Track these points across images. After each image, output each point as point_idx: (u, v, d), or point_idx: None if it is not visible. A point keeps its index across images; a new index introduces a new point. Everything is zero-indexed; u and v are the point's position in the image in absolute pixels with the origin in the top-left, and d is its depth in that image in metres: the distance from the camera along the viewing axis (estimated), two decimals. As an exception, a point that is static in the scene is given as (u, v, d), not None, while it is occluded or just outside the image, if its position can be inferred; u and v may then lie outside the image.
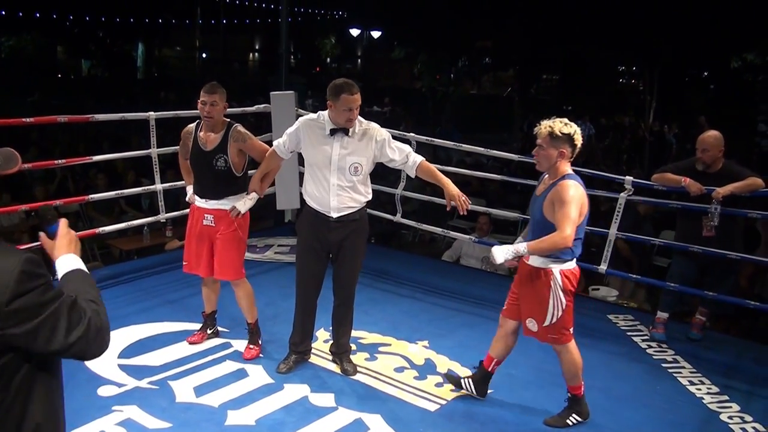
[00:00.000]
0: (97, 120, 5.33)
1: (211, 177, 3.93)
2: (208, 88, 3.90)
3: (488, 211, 6.19)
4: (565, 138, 3.30)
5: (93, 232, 5.63)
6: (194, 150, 3.98)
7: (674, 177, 4.62)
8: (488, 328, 4.80)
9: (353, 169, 3.64)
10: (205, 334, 4.33)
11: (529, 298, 3.46)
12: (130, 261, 6.68)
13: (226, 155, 3.89)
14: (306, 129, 3.72)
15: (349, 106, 3.56)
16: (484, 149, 5.75)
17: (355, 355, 4.20)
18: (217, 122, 3.93)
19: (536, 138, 3.36)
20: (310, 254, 3.84)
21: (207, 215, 4.00)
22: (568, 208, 3.20)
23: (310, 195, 3.75)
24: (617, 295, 6.10)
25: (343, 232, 3.73)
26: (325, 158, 3.64)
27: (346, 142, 3.64)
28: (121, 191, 6.04)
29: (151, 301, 4.94)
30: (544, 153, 3.32)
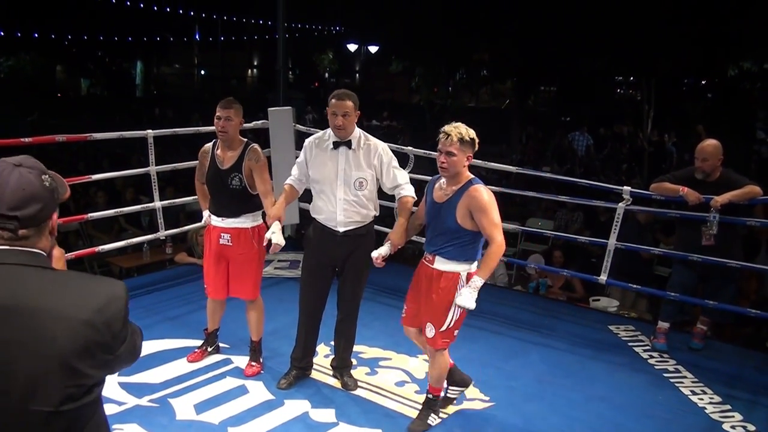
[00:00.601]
0: (96, 139, 5.35)
1: (227, 196, 3.92)
2: (223, 103, 3.89)
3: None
4: (471, 143, 3.30)
5: (93, 250, 5.64)
6: (211, 168, 3.97)
7: (672, 186, 4.63)
8: (489, 341, 4.83)
9: (358, 184, 3.66)
10: (205, 352, 4.33)
11: (432, 303, 3.43)
12: (130, 278, 6.67)
13: (241, 174, 3.88)
14: (310, 148, 3.77)
15: (334, 110, 3.61)
16: (482, 162, 5.76)
17: (356, 370, 4.19)
18: (233, 139, 3.91)
19: (442, 144, 3.29)
20: (317, 269, 3.86)
21: (224, 234, 3.99)
22: (492, 215, 3.24)
23: (318, 209, 3.77)
24: (618, 305, 6.10)
25: (350, 246, 3.75)
26: (331, 172, 3.67)
27: (350, 157, 3.67)
28: (120, 209, 6.04)
29: (152, 318, 4.93)
30: (454, 159, 3.26)
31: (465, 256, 3.35)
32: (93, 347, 1.46)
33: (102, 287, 1.53)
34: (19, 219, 1.48)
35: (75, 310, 1.45)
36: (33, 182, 1.51)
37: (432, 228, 3.44)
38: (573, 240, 6.15)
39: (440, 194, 3.40)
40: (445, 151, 3.28)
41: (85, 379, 1.46)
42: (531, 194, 6.14)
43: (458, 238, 3.31)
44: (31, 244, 1.51)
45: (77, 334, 1.44)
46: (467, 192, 3.28)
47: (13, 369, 1.40)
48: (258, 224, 4.02)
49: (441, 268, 3.38)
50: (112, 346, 1.50)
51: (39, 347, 1.41)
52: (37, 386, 1.41)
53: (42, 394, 1.41)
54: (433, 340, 3.47)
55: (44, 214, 1.54)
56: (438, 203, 3.39)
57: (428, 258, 3.45)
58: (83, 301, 1.47)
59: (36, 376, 1.41)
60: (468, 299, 3.21)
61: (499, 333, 5.00)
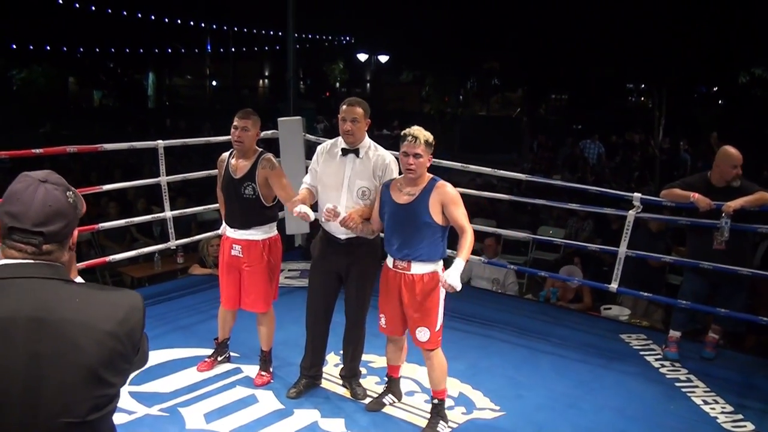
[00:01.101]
0: (106, 150, 5.40)
1: (239, 206, 3.93)
2: (241, 113, 3.91)
3: (496, 232, 6.17)
4: (432, 145, 3.46)
5: (104, 260, 5.67)
6: (225, 177, 4.00)
7: (683, 192, 4.61)
8: (500, 350, 4.81)
9: (360, 193, 3.68)
10: (215, 361, 4.33)
11: (423, 307, 3.50)
12: (141, 288, 6.71)
13: (254, 183, 3.88)
14: (321, 153, 3.82)
15: (343, 116, 3.66)
16: (491, 170, 5.76)
17: (365, 379, 4.19)
18: (248, 149, 3.92)
19: (408, 147, 3.39)
20: (322, 277, 3.88)
21: (235, 245, 4.00)
22: (461, 207, 3.43)
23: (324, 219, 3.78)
24: (629, 314, 6.06)
25: (353, 254, 3.76)
26: (337, 179, 3.70)
27: (357, 164, 3.69)
28: (130, 219, 6.08)
29: (162, 328, 4.96)
30: (421, 161, 3.40)
31: (438, 254, 3.49)
32: (116, 357, 1.51)
33: (123, 299, 1.58)
34: (44, 234, 1.51)
35: (100, 322, 1.49)
36: (59, 199, 1.55)
37: (400, 231, 3.48)
38: (583, 248, 6.13)
39: (403, 196, 3.49)
40: (412, 153, 3.40)
41: (110, 389, 1.50)
42: (541, 202, 6.14)
43: (432, 234, 3.43)
44: (54, 259, 1.54)
45: (103, 344, 1.48)
46: (436, 188, 3.44)
47: (43, 384, 1.43)
48: (270, 236, 4.02)
49: (420, 272, 3.48)
50: (131, 355, 1.56)
51: (68, 358, 1.45)
52: (66, 397, 1.44)
53: (71, 405, 1.44)
54: (429, 342, 3.54)
55: (68, 230, 1.57)
56: (404, 205, 3.47)
57: (401, 265, 3.51)
58: (107, 312, 1.52)
59: (65, 387, 1.44)
60: (457, 280, 3.24)
61: (510, 342, 4.98)
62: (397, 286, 3.55)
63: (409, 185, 3.50)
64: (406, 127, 3.53)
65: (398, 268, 3.53)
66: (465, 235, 3.38)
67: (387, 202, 3.55)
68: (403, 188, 3.51)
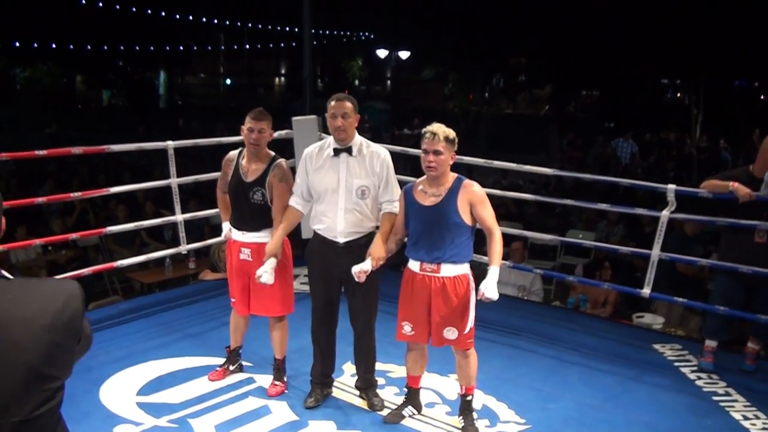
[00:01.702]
0: (113, 151, 5.46)
1: (248, 209, 3.96)
2: (256, 114, 3.91)
3: (523, 234, 6.14)
4: (454, 142, 3.51)
5: (111, 265, 5.72)
6: (234, 178, 4.00)
7: (721, 182, 4.58)
8: (526, 360, 4.79)
9: (360, 192, 3.72)
10: (227, 371, 4.36)
11: (452, 310, 3.55)
12: (151, 294, 6.77)
13: (264, 189, 3.91)
14: (310, 157, 3.82)
15: (333, 112, 3.69)
16: (516, 165, 5.70)
17: (384, 390, 4.19)
18: (263, 152, 3.95)
19: (428, 144, 3.45)
20: (321, 283, 3.89)
21: (244, 249, 4.02)
22: (489, 207, 3.52)
23: (318, 221, 3.80)
24: (663, 322, 6.00)
25: (352, 258, 3.72)
26: (332, 181, 3.72)
27: (352, 163, 3.72)
28: (140, 222, 6.13)
29: (172, 336, 5.00)
30: (442, 158, 3.45)
31: (468, 256, 3.56)
32: (57, 350, 1.53)
33: (59, 288, 1.59)
34: None
35: (37, 316, 1.51)
36: None
37: (429, 234, 3.52)
38: (614, 252, 6.08)
39: (429, 198, 3.54)
40: (432, 150, 3.44)
41: (54, 382, 1.53)
42: (569, 203, 6.08)
43: (460, 235, 3.48)
44: None
45: (43, 339, 1.50)
46: (463, 187, 3.50)
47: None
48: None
49: (450, 274, 3.52)
50: (73, 345, 1.58)
51: (9, 358, 1.47)
52: (7, 398, 1.46)
53: (14, 405, 1.47)
54: (457, 342, 3.60)
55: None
56: (430, 207, 3.51)
57: (430, 268, 3.54)
58: (43, 305, 1.54)
59: (6, 388, 1.46)
60: (495, 291, 3.36)
61: (536, 352, 4.95)
62: (425, 290, 3.57)
63: (432, 186, 3.53)
64: (427, 126, 3.55)
65: (427, 272, 3.55)
66: (494, 238, 3.47)
67: (411, 206, 3.58)
68: (427, 189, 3.55)
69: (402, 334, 3.73)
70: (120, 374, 4.34)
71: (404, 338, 3.74)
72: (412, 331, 3.68)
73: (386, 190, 3.78)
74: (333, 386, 4.18)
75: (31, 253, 7.74)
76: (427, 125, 3.54)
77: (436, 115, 24.49)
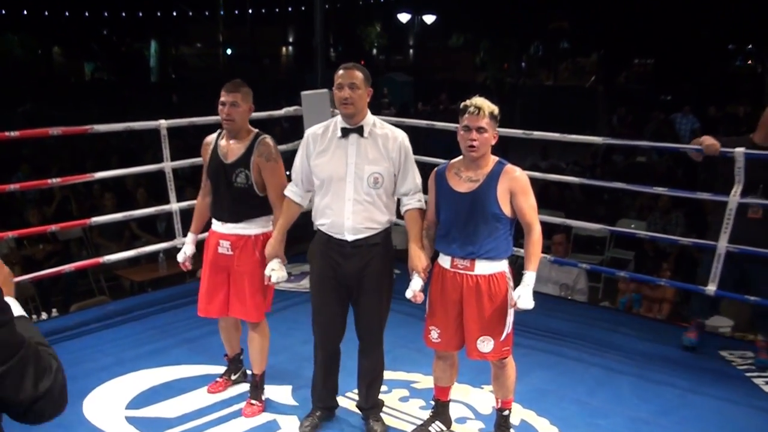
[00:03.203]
0: (98, 131, 5.48)
1: (229, 195, 3.94)
2: (228, 86, 3.92)
3: (565, 222, 6.08)
4: (497, 119, 3.47)
5: (97, 261, 5.77)
6: (213, 161, 4.00)
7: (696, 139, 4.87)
8: (570, 369, 4.77)
9: (372, 180, 3.58)
10: (228, 381, 4.38)
11: (487, 314, 3.51)
12: (142, 294, 6.83)
13: (248, 170, 3.88)
14: (313, 139, 3.71)
15: (339, 81, 3.58)
16: (558, 135, 5.60)
17: (408, 403, 4.21)
18: (240, 128, 3.94)
19: (470, 120, 3.40)
20: (326, 289, 3.77)
21: (222, 241, 3.99)
22: (532, 198, 3.48)
23: (322, 215, 3.69)
24: (732, 325, 5.95)
25: (363, 259, 3.66)
26: (339, 167, 3.61)
27: (363, 146, 3.61)
28: (130, 212, 6.16)
29: (166, 341, 5.03)
30: (486, 137, 3.41)
31: (506, 251, 3.53)
32: None
33: None
34: None
35: None
36: None
37: (463, 225, 3.48)
38: (673, 243, 6.00)
39: (465, 183, 3.49)
40: (475, 127, 3.39)
41: None
42: (619, 186, 5.95)
43: (499, 228, 3.45)
44: None
45: None
46: (504, 173, 3.45)
47: None
48: (266, 231, 3.99)
49: (486, 272, 3.49)
50: None
51: None
52: None
53: None
54: (493, 353, 3.56)
55: None
56: (466, 194, 3.46)
57: (462, 265, 3.50)
58: None
59: None
60: (530, 300, 3.38)
61: (581, 360, 4.93)
62: (456, 290, 3.54)
63: (469, 169, 3.49)
64: (455, 101, 3.52)
65: (459, 269, 3.52)
66: (533, 236, 3.45)
67: (444, 192, 3.54)
68: (463, 173, 3.50)
69: (429, 340, 3.70)
70: (107, 385, 4.38)
71: (432, 345, 3.72)
72: (439, 338, 3.65)
73: (405, 180, 3.68)
74: (339, 406, 4.12)
75: (2, 247, 7.74)
76: (457, 101, 3.50)
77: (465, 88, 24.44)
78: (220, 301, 4.06)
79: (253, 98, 3.97)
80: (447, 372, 3.85)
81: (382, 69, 31.11)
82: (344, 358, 3.98)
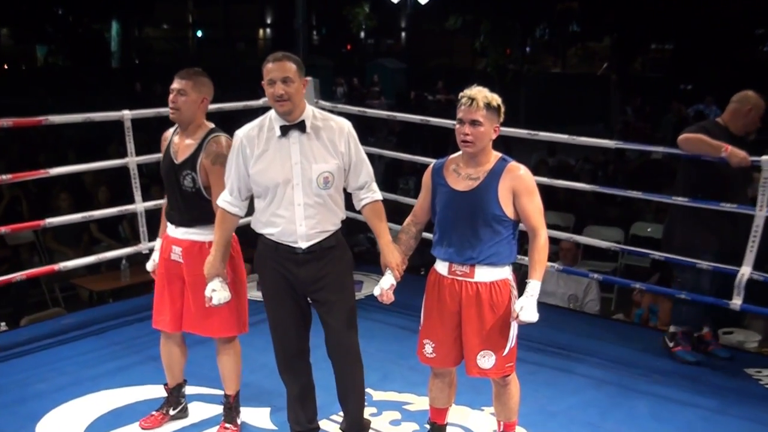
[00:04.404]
0: (53, 123, 5.46)
1: (179, 197, 3.91)
2: (181, 72, 3.90)
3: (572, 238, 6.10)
4: (498, 111, 3.46)
5: (51, 268, 5.74)
6: (165, 160, 3.98)
7: (713, 142, 4.91)
8: (580, 388, 4.79)
9: (323, 181, 3.55)
10: (165, 417, 4.25)
11: (488, 326, 3.50)
12: (103, 305, 6.80)
13: (195, 173, 3.84)
14: (248, 142, 3.62)
15: (271, 77, 3.50)
16: (566, 137, 5.64)
17: (400, 426, 4.21)
18: (187, 121, 3.90)
19: (464, 112, 3.41)
20: (282, 304, 3.73)
21: (174, 247, 3.95)
22: (537, 199, 3.49)
23: (268, 224, 3.64)
24: (760, 340, 5.98)
25: (318, 265, 3.64)
26: (283, 170, 3.55)
27: (306, 143, 3.56)
28: (89, 213, 6.11)
29: (130, 358, 5.02)
30: (481, 131, 3.41)
31: (509, 256, 3.53)
32: None
33: None
34: None
35: None
36: None
37: (461, 227, 3.49)
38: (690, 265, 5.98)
39: (463, 181, 3.50)
40: (468, 120, 3.40)
41: None
42: (636, 195, 5.94)
43: (501, 231, 3.45)
44: None
45: None
46: (507, 170, 3.46)
47: None
48: None
49: (486, 279, 3.49)
50: None
51: None
52: None
53: None
54: (495, 370, 3.56)
55: None
56: (464, 192, 3.47)
57: (461, 271, 3.51)
58: None
59: None
60: (534, 312, 3.37)
61: (593, 377, 4.95)
62: (454, 299, 3.54)
63: (469, 166, 3.50)
64: (453, 90, 3.52)
65: (457, 275, 3.53)
66: (538, 241, 3.45)
67: (440, 190, 3.56)
68: (462, 170, 3.52)
69: (423, 355, 3.71)
70: (63, 407, 4.36)
71: (426, 361, 3.72)
72: (435, 353, 3.65)
73: (359, 174, 3.67)
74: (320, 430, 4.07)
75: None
76: (455, 90, 3.51)
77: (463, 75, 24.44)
78: (174, 313, 4.00)
79: (213, 90, 3.93)
80: (444, 391, 3.84)
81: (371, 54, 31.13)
82: (325, 374, 3.94)
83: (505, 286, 3.51)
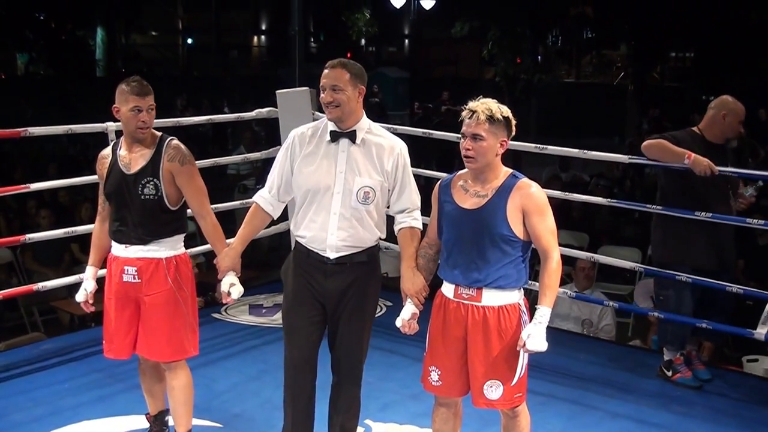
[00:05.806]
0: (33, 135, 5.47)
1: (136, 210, 3.89)
2: (138, 88, 3.91)
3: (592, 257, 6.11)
4: (506, 124, 3.44)
5: (29, 288, 5.75)
6: (112, 176, 3.96)
7: (677, 149, 5.00)
8: (595, 421, 4.79)
9: (362, 195, 3.64)
10: None
11: (495, 354, 3.48)
12: (85, 330, 6.79)
13: (157, 179, 3.86)
14: (300, 141, 3.75)
15: (322, 83, 3.65)
16: (578, 151, 5.68)
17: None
18: (148, 136, 3.94)
19: (466, 125, 3.42)
20: (301, 311, 3.78)
21: (128, 268, 3.94)
22: (551, 219, 3.48)
23: (302, 228, 3.73)
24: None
25: (346, 279, 3.70)
26: (326, 176, 3.65)
27: (354, 154, 3.66)
28: (72, 228, 6.09)
29: (113, 387, 5.00)
30: (484, 145, 3.40)
31: (520, 279, 3.51)
32: None
33: None
34: None
35: None
36: None
37: (468, 248, 3.48)
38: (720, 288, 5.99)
39: (470, 199, 3.49)
40: (470, 134, 3.40)
41: None
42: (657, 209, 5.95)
43: (510, 253, 3.44)
44: None
45: None
46: (517, 188, 3.45)
47: None
48: (177, 254, 3.99)
49: (495, 303, 3.47)
50: None
51: None
52: None
53: None
54: (503, 401, 3.54)
55: None
56: (471, 210, 3.47)
57: (467, 294, 3.50)
58: None
59: None
60: (542, 340, 3.34)
61: (607, 410, 4.94)
62: (459, 324, 3.53)
63: (476, 182, 3.50)
64: (459, 101, 3.53)
65: (463, 299, 3.51)
66: (549, 264, 3.42)
67: (447, 207, 3.56)
68: (469, 187, 3.51)
69: (428, 383, 3.69)
70: (42, 439, 4.35)
71: (431, 389, 3.71)
72: (440, 380, 3.64)
73: (401, 197, 3.74)
74: None
75: None
76: (461, 101, 3.51)
77: (470, 85, 24.50)
78: (129, 338, 4.01)
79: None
80: (449, 422, 3.81)
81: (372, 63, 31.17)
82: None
83: (514, 311, 3.49)
